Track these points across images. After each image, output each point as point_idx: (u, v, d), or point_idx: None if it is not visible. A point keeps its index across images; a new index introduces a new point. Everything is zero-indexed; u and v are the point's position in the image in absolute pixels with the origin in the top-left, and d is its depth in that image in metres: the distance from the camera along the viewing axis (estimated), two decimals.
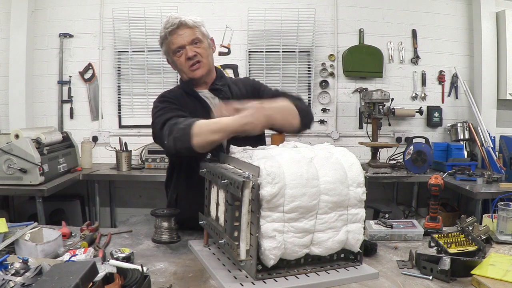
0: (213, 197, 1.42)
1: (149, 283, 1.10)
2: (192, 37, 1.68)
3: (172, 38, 1.68)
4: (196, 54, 1.68)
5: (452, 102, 4.14)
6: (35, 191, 2.85)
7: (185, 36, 1.68)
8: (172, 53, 1.71)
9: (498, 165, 3.41)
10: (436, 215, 1.70)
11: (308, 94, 4.02)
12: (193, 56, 1.68)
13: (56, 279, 0.90)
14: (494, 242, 1.56)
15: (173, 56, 1.72)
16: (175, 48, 1.69)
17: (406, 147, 3.51)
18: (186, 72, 1.72)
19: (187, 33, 1.68)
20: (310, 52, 3.98)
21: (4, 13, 3.82)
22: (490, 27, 3.95)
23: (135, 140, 3.88)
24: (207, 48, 1.73)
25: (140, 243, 1.60)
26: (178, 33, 1.68)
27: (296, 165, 1.23)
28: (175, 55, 1.71)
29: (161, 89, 3.89)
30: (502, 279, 1.19)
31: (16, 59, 3.77)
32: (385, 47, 4.02)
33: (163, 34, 1.70)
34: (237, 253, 1.16)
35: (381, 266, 1.38)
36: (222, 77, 1.82)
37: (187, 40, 1.68)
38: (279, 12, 3.89)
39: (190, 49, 1.68)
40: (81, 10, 3.93)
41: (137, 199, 4.08)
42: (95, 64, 3.96)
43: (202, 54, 1.70)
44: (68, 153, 3.45)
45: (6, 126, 3.80)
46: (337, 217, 1.28)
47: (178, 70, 1.77)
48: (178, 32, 1.68)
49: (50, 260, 1.27)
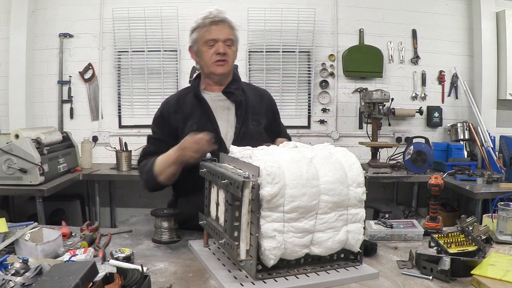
0: (213, 197, 1.42)
1: (149, 283, 1.10)
2: (228, 36, 1.72)
3: (211, 28, 1.69)
4: (226, 53, 1.71)
5: (452, 102, 4.14)
6: (35, 191, 2.85)
7: (224, 32, 1.71)
8: (204, 42, 1.71)
9: (498, 165, 3.41)
10: (436, 215, 1.70)
11: (308, 94, 4.03)
12: (223, 54, 1.70)
13: (56, 279, 0.90)
14: (494, 242, 1.56)
15: (203, 46, 1.72)
16: (209, 39, 1.70)
17: (406, 147, 3.51)
18: (209, 66, 1.73)
19: (226, 30, 1.72)
20: (310, 52, 3.98)
21: (4, 13, 3.82)
22: (490, 27, 3.95)
23: (135, 140, 3.88)
24: (235, 52, 1.78)
25: (140, 243, 1.60)
26: (219, 26, 1.70)
27: (296, 165, 1.23)
28: (206, 45, 1.71)
29: (161, 89, 3.93)
30: (502, 279, 1.19)
31: (16, 59, 3.77)
32: (385, 47, 4.02)
33: (201, 22, 1.71)
34: (237, 253, 1.16)
35: (381, 266, 1.38)
36: (237, 80, 1.84)
37: (224, 37, 1.71)
38: (279, 12, 3.89)
39: (223, 46, 1.70)
40: (81, 10, 3.93)
41: (137, 199, 4.08)
42: (95, 64, 3.96)
43: (229, 55, 1.73)
44: (68, 153, 3.45)
45: (6, 126, 3.80)
46: (337, 217, 1.28)
47: (201, 61, 1.77)
48: (219, 25, 1.70)
49: (50, 260, 1.27)
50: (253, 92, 1.87)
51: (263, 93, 1.92)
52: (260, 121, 1.80)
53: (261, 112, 1.83)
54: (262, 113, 1.82)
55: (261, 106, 1.84)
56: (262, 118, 1.81)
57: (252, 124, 1.77)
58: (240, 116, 1.75)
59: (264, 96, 1.90)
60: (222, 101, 1.79)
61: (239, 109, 1.76)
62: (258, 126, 1.78)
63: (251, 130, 1.75)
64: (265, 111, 1.84)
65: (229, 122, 1.76)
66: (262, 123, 1.80)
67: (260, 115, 1.81)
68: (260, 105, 1.84)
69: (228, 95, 1.79)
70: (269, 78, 3.97)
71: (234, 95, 1.78)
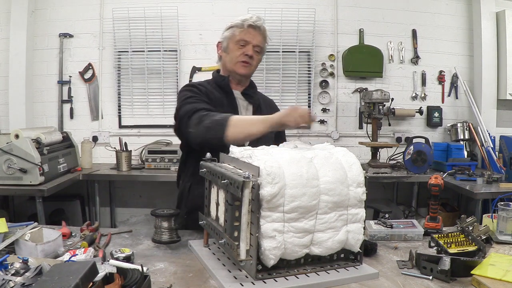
0: (213, 197, 1.42)
1: (149, 283, 1.10)
2: (260, 43, 1.82)
3: (250, 30, 1.78)
4: (253, 57, 1.80)
5: (452, 102, 4.14)
6: (35, 191, 2.85)
7: (257, 38, 1.80)
8: (236, 41, 1.79)
9: (498, 165, 3.41)
10: (436, 215, 1.70)
11: (308, 94, 4.03)
12: (250, 56, 1.79)
13: (56, 279, 0.90)
14: (494, 242, 1.56)
15: (234, 44, 1.79)
16: (242, 39, 1.78)
17: (406, 147, 3.51)
18: (234, 63, 1.80)
19: (261, 37, 1.82)
20: (310, 52, 3.98)
21: (4, 13, 3.82)
22: (490, 27, 3.95)
23: (135, 140, 3.88)
24: (260, 60, 1.87)
25: (140, 243, 1.60)
26: (256, 31, 1.79)
27: (296, 165, 1.23)
28: (237, 44, 1.79)
29: (161, 89, 3.93)
30: (502, 279, 1.19)
31: (16, 59, 3.77)
32: (385, 47, 4.03)
33: (240, 23, 1.79)
34: (237, 253, 1.16)
35: (381, 266, 1.38)
36: (254, 87, 1.94)
37: (256, 42, 1.80)
38: (279, 12, 3.89)
39: (252, 49, 1.79)
40: (81, 10, 3.93)
41: (137, 199, 4.08)
42: (95, 64, 3.96)
43: (256, 61, 1.83)
44: (68, 153, 3.45)
45: (6, 126, 3.80)
46: (337, 217, 1.28)
47: (227, 57, 1.82)
48: (256, 31, 1.79)
49: (50, 260, 1.27)
50: (267, 100, 2.01)
51: (271, 103, 2.05)
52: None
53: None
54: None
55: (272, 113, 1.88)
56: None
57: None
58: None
59: (273, 105, 2.04)
60: (242, 100, 1.87)
61: (256, 111, 1.86)
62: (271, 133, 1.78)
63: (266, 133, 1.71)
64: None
65: None
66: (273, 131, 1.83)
67: None
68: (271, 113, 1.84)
69: (247, 96, 1.88)
70: (269, 78, 3.97)
71: (253, 98, 1.89)
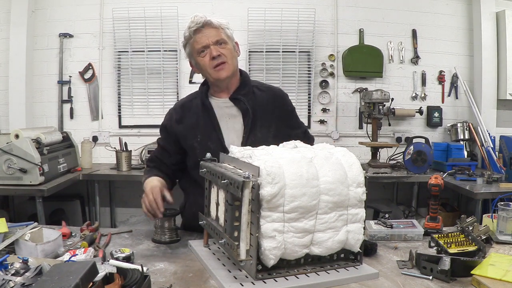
0: (213, 197, 1.42)
1: (149, 283, 1.10)
2: (217, 37, 1.64)
3: (197, 37, 1.64)
4: (221, 54, 1.63)
5: (452, 102, 4.14)
6: (35, 191, 2.85)
7: (210, 36, 1.63)
8: (196, 53, 1.66)
9: (498, 165, 3.41)
10: (436, 215, 1.70)
11: (308, 94, 4.03)
12: (217, 56, 1.63)
13: (56, 279, 0.90)
14: (494, 242, 1.56)
15: (197, 57, 1.67)
16: (200, 48, 1.64)
17: (406, 147, 3.51)
18: (210, 73, 1.66)
19: (212, 32, 1.64)
20: (310, 52, 3.98)
21: (4, 13, 3.82)
22: (490, 27, 3.95)
23: (135, 140, 3.88)
24: (232, 50, 1.69)
25: (140, 243, 1.60)
26: (203, 32, 1.64)
27: (296, 165, 1.23)
28: (199, 56, 1.66)
29: (161, 89, 3.93)
30: (502, 279, 1.19)
31: (16, 59, 3.77)
32: (385, 47, 4.02)
33: (187, 34, 1.66)
34: (237, 253, 1.16)
35: (381, 266, 1.38)
36: (246, 84, 1.75)
37: (212, 40, 1.63)
38: (279, 12, 3.89)
39: (215, 48, 1.63)
40: (81, 10, 3.93)
41: (137, 199, 4.01)
42: (95, 64, 3.96)
43: (226, 55, 1.65)
44: (68, 153, 3.45)
45: (6, 126, 3.80)
46: (337, 217, 1.28)
47: (202, 72, 1.72)
48: (203, 31, 1.64)
49: (50, 260, 1.27)
50: (266, 94, 1.76)
51: (277, 94, 1.80)
52: (269, 127, 1.72)
53: (273, 116, 1.74)
54: (273, 117, 1.74)
55: (273, 109, 1.75)
56: (272, 123, 1.73)
57: (260, 132, 1.70)
58: (247, 125, 1.68)
59: (278, 97, 1.79)
60: (228, 108, 1.72)
61: (246, 117, 1.69)
62: (268, 133, 1.70)
63: (259, 138, 1.66)
64: (278, 114, 1.75)
65: (236, 131, 1.70)
66: (272, 129, 1.72)
67: (270, 120, 1.72)
68: (271, 109, 1.74)
69: (236, 101, 1.71)
70: (269, 78, 3.97)
71: (241, 102, 1.70)
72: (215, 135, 1.69)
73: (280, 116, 1.76)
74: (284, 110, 1.79)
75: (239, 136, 1.69)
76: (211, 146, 1.66)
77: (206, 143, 1.68)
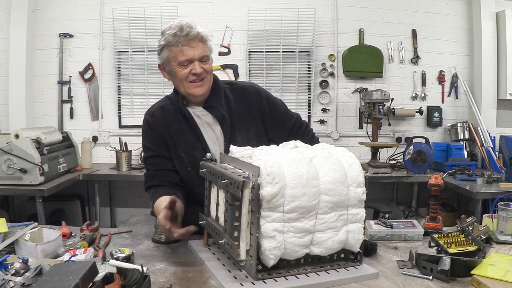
0: (213, 197, 1.42)
1: (149, 283, 1.10)
2: (203, 53, 1.58)
3: (184, 48, 1.54)
4: (203, 71, 1.58)
5: (452, 102, 4.14)
6: (35, 191, 2.85)
7: (198, 51, 1.56)
8: (177, 63, 1.57)
9: (498, 165, 3.41)
10: (436, 215, 1.70)
11: (308, 94, 4.03)
12: (200, 73, 1.57)
13: (56, 279, 0.90)
14: (494, 242, 1.56)
15: (176, 67, 1.58)
16: (183, 60, 1.56)
17: (406, 147, 3.51)
18: (185, 87, 1.60)
19: (200, 47, 1.57)
20: (310, 52, 3.98)
21: (4, 13, 3.82)
22: (490, 27, 3.95)
23: (135, 140, 3.87)
24: (211, 64, 1.63)
25: (140, 243, 1.60)
26: (191, 45, 1.55)
27: (296, 165, 1.23)
28: (179, 66, 1.57)
29: (161, 89, 3.92)
30: (502, 279, 1.19)
31: (16, 59, 3.77)
32: (385, 47, 4.03)
33: (172, 40, 1.55)
34: (237, 253, 1.16)
35: (381, 266, 1.38)
36: (217, 90, 1.68)
37: (198, 55, 1.56)
38: (279, 12, 3.89)
39: (199, 65, 1.57)
40: (81, 10, 3.93)
41: (137, 199, 4.08)
42: (95, 64, 3.96)
43: (207, 70, 1.60)
44: (68, 153, 3.45)
45: (6, 126, 3.80)
46: (337, 217, 1.28)
47: (175, 81, 1.64)
48: (191, 44, 1.55)
49: (50, 260, 1.27)
50: (240, 95, 1.71)
51: (249, 91, 1.72)
52: (249, 129, 1.68)
53: (251, 115, 1.69)
54: (251, 116, 1.69)
55: (250, 108, 1.70)
56: (251, 124, 1.69)
57: (240, 136, 1.66)
58: (226, 132, 1.65)
59: (251, 95, 1.71)
60: (205, 116, 1.67)
61: (223, 124, 1.65)
62: (248, 136, 1.67)
63: (239, 142, 1.59)
64: (255, 113, 1.70)
65: (217, 139, 1.67)
66: (252, 130, 1.69)
67: (249, 122, 1.69)
68: (247, 109, 1.70)
69: (210, 109, 1.66)
70: (269, 78, 3.97)
71: (216, 109, 1.65)
72: (199, 145, 1.65)
73: (258, 114, 1.71)
74: (261, 107, 1.72)
75: (221, 144, 1.66)
76: (197, 155, 1.61)
77: (192, 152, 1.65)
